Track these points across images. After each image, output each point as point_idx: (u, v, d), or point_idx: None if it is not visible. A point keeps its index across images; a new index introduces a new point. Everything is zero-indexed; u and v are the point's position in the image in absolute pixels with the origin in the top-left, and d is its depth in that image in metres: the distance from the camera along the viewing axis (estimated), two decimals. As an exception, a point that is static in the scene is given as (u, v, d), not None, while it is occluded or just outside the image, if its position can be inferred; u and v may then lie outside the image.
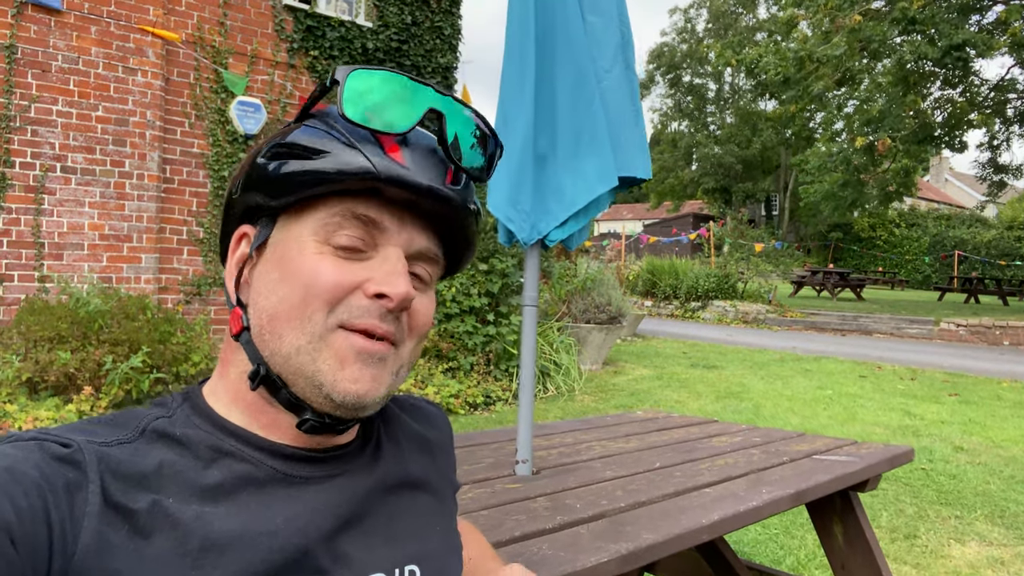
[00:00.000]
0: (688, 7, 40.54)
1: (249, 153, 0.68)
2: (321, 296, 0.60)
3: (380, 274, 0.62)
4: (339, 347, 0.61)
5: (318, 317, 0.61)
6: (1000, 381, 8.17)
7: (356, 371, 0.61)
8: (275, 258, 0.64)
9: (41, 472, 0.52)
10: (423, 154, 0.64)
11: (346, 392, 0.61)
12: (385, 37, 7.45)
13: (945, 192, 45.09)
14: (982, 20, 14.94)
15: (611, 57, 1.90)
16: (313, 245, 0.62)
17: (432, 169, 0.64)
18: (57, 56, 5.72)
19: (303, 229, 0.63)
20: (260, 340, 0.63)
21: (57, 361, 4.55)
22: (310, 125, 0.64)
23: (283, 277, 0.62)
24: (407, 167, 0.62)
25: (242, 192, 0.66)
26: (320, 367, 0.61)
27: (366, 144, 0.62)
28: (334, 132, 0.62)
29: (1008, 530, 3.61)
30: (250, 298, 0.65)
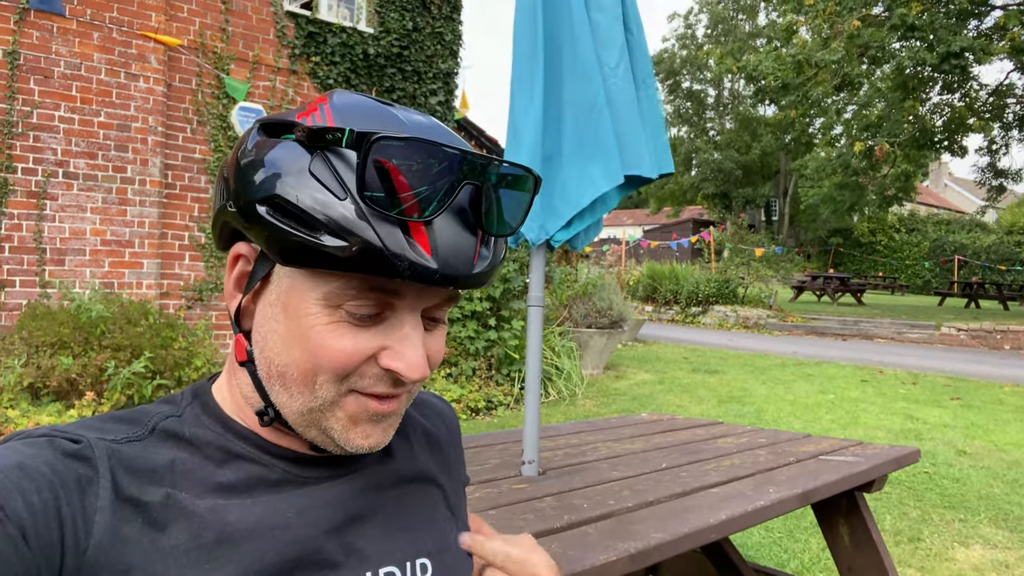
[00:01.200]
0: (687, 13, 40.68)
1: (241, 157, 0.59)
2: (332, 370, 0.57)
3: (395, 344, 0.58)
4: (351, 410, 0.60)
5: (329, 387, 0.58)
6: (1002, 385, 8.17)
7: (367, 429, 0.61)
8: (280, 307, 0.59)
9: (52, 468, 0.52)
10: (453, 229, 0.56)
11: (358, 446, 0.61)
12: (386, 43, 7.47)
13: (945, 197, 45.13)
14: (980, 25, 14.98)
15: (617, 54, 1.90)
16: (324, 313, 0.57)
17: (460, 248, 0.56)
18: (59, 62, 5.74)
19: (311, 290, 0.57)
20: (268, 384, 0.61)
21: (59, 366, 4.55)
22: (316, 174, 0.54)
23: (292, 338, 0.58)
24: (434, 256, 0.54)
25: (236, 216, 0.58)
26: (332, 424, 0.60)
27: (384, 224, 0.53)
28: (350, 197, 0.53)
29: (1012, 533, 3.60)
30: (254, 332, 0.62)
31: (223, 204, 0.60)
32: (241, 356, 0.62)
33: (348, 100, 0.59)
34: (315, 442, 0.62)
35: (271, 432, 0.64)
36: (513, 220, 0.60)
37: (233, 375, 0.66)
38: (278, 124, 0.58)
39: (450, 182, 0.54)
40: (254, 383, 0.62)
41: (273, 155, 0.56)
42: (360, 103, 0.59)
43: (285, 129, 0.57)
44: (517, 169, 0.60)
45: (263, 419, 0.62)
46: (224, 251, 0.66)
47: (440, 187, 0.54)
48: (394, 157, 0.53)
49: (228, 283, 0.63)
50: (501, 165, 0.58)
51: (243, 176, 0.57)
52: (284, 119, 0.58)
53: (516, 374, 6.51)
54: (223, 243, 0.65)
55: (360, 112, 0.58)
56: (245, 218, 0.57)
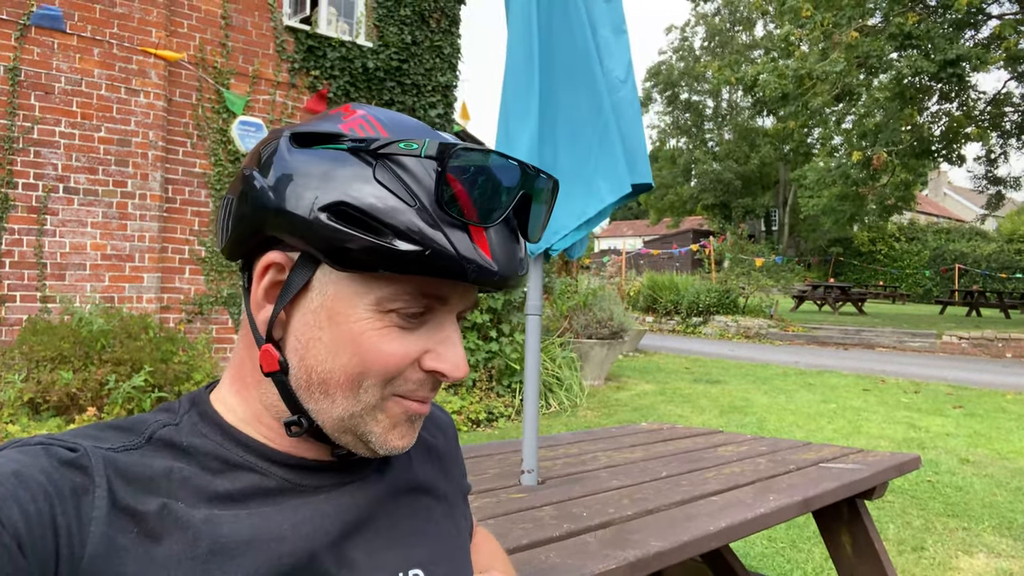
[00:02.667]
0: (684, 25, 40.91)
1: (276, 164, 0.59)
2: (382, 375, 0.60)
3: (438, 347, 0.61)
4: (393, 413, 0.62)
5: (375, 391, 0.60)
6: (1004, 393, 8.14)
7: (405, 430, 0.64)
8: (325, 314, 0.59)
9: (48, 477, 0.51)
10: (504, 238, 0.61)
11: (395, 448, 0.63)
12: (385, 57, 7.51)
13: (944, 206, 45.19)
14: (976, 35, 15.07)
15: (625, 69, 1.92)
16: (375, 318, 0.59)
17: (512, 254, 0.61)
18: (60, 78, 5.77)
19: (362, 297, 0.58)
20: (305, 393, 0.61)
21: (59, 381, 4.54)
22: (382, 181, 0.56)
23: (339, 344, 0.59)
24: (493, 260, 0.58)
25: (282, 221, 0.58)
26: (372, 428, 0.62)
27: (453, 230, 0.57)
28: (420, 205, 0.56)
29: (1016, 541, 3.58)
30: (290, 342, 0.61)
31: (259, 212, 0.59)
32: (272, 366, 0.61)
33: (386, 113, 0.63)
34: (346, 447, 0.64)
35: (284, 441, 0.64)
36: (540, 227, 0.65)
37: (252, 385, 0.65)
38: (316, 135, 0.60)
39: (510, 192, 0.59)
40: (282, 394, 0.62)
41: (326, 165, 0.57)
42: (398, 117, 0.63)
43: (326, 139, 0.59)
44: (548, 181, 0.64)
45: (291, 429, 0.62)
46: (234, 260, 0.66)
47: (501, 197, 0.58)
48: (466, 167, 0.57)
49: (256, 293, 0.62)
50: (543, 175, 0.62)
51: (290, 184, 0.58)
52: (324, 130, 0.60)
53: (517, 385, 6.50)
54: (241, 252, 0.65)
55: (406, 125, 0.62)
56: (297, 226, 0.57)
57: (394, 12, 7.62)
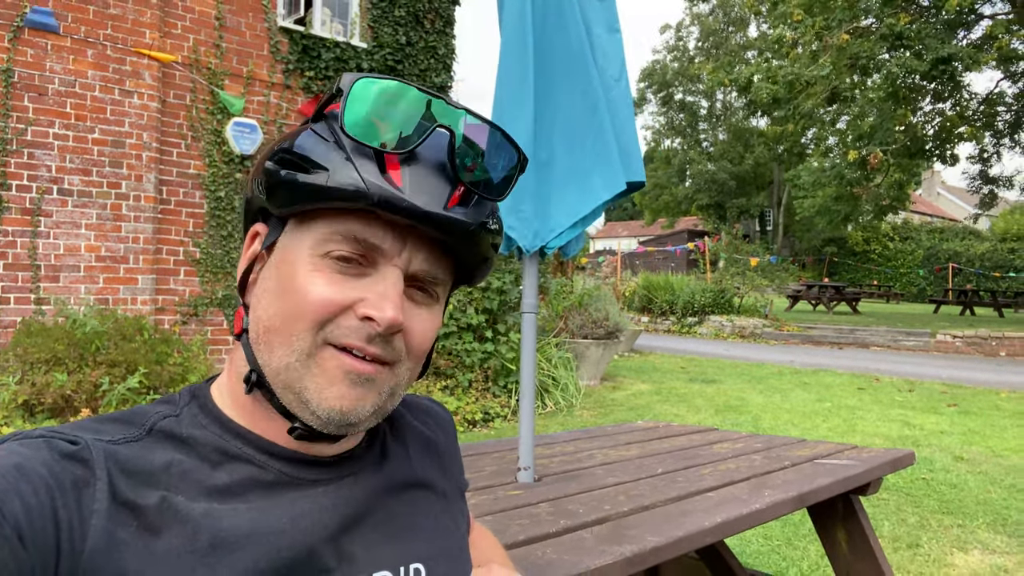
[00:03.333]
0: (679, 24, 40.99)
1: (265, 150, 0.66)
2: (310, 314, 0.59)
3: (373, 295, 0.59)
4: (327, 366, 0.60)
5: (306, 336, 0.59)
6: (998, 391, 8.18)
7: (343, 389, 0.60)
8: (275, 264, 0.62)
9: (49, 469, 0.52)
10: (428, 172, 0.60)
11: (330, 409, 0.60)
12: (380, 57, 7.51)
13: (937, 205, 45.36)
14: (969, 35, 15.13)
15: (619, 68, 1.93)
16: (310, 260, 0.60)
17: (435, 191, 0.60)
18: (54, 79, 5.76)
19: (304, 241, 0.61)
20: (256, 347, 0.62)
21: (54, 383, 4.53)
22: (316, 131, 0.61)
23: (279, 289, 0.61)
24: (403, 189, 0.58)
25: (254, 191, 0.65)
26: (307, 384, 0.60)
27: (365, 161, 0.58)
28: (337, 143, 0.60)
29: (1011, 538, 3.59)
30: (252, 301, 0.64)
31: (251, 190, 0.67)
32: (238, 328, 0.65)
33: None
34: (291, 409, 0.62)
35: (263, 429, 0.64)
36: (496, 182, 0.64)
37: (234, 361, 0.67)
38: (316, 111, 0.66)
39: (420, 120, 0.59)
40: (247, 354, 0.64)
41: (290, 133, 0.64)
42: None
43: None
44: (495, 132, 0.63)
45: (248, 385, 0.63)
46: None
47: (411, 125, 0.59)
48: (369, 94, 0.59)
49: (243, 261, 0.67)
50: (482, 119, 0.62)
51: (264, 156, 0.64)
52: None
53: (513, 386, 6.50)
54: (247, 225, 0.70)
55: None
56: (258, 177, 0.63)
57: (388, 13, 7.62)
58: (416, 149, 0.59)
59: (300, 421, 0.62)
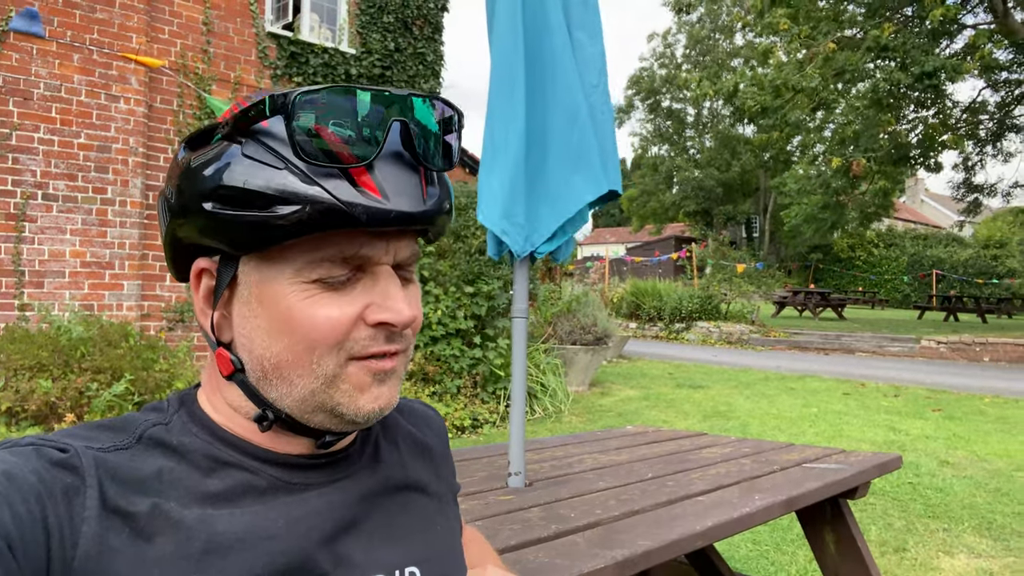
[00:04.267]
0: (665, 32, 41.23)
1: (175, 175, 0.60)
2: (324, 341, 0.58)
3: (377, 297, 0.59)
4: (355, 378, 0.60)
5: (327, 360, 0.59)
6: (982, 397, 8.25)
7: (375, 391, 0.61)
8: (257, 302, 0.59)
9: (39, 477, 0.51)
10: (394, 170, 0.58)
11: (369, 412, 0.61)
12: (368, 63, 7.51)
13: (921, 212, 45.83)
14: (952, 44, 15.33)
15: (597, 73, 1.94)
16: (299, 289, 0.58)
17: (408, 188, 0.58)
18: (39, 84, 5.72)
19: (282, 272, 0.58)
20: (264, 385, 0.61)
21: (38, 390, 4.48)
22: (252, 156, 0.55)
23: (276, 327, 0.59)
24: (384, 197, 0.56)
25: (187, 232, 0.60)
26: (339, 399, 0.60)
27: (331, 180, 0.55)
28: (290, 167, 0.55)
29: (996, 542, 3.63)
30: (236, 340, 0.62)
31: (170, 224, 0.62)
32: (227, 369, 0.62)
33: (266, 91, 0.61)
34: (322, 426, 0.62)
35: (265, 437, 0.64)
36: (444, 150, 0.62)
37: (217, 390, 0.65)
38: (200, 133, 0.61)
39: (376, 122, 0.56)
40: (246, 393, 0.62)
41: (205, 157, 0.58)
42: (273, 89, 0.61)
43: (208, 135, 0.60)
44: (438, 103, 0.61)
45: (263, 424, 0.62)
46: (184, 279, 0.66)
47: (368, 129, 0.56)
48: (315, 110, 0.54)
49: (197, 302, 0.64)
50: (419, 98, 0.60)
51: (182, 187, 0.59)
52: (205, 128, 0.60)
53: (502, 392, 6.49)
54: (180, 268, 0.66)
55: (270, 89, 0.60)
56: (195, 224, 0.58)
57: (377, 19, 7.63)
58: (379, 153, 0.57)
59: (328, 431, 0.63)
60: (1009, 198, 19.07)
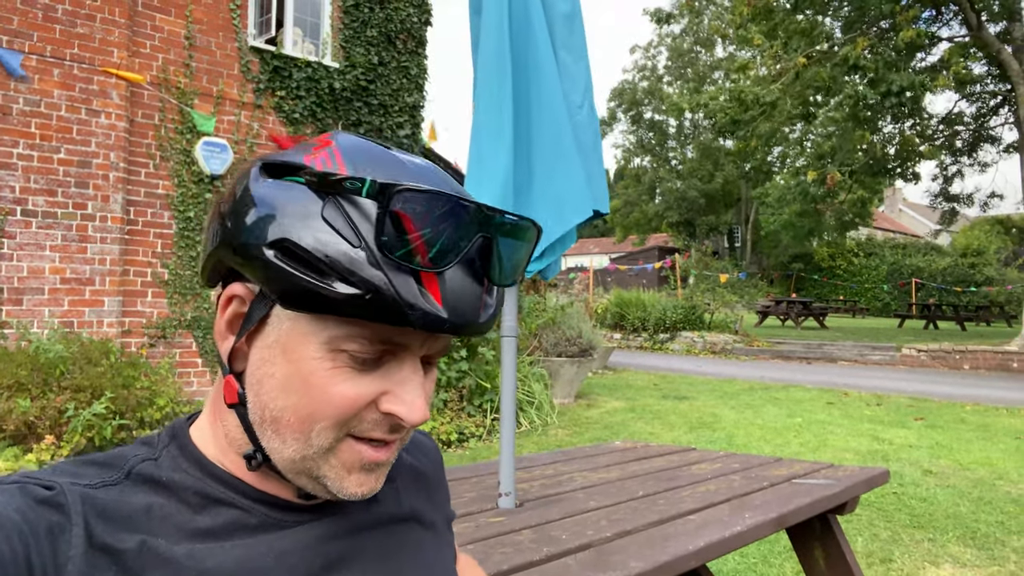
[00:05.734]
0: (648, 45, 41.59)
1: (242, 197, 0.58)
2: (333, 416, 0.57)
3: (396, 388, 0.58)
4: (345, 458, 0.59)
5: (327, 433, 0.57)
6: (963, 405, 8.35)
7: (361, 477, 0.60)
8: (279, 349, 0.58)
9: (23, 516, 0.50)
10: (461, 280, 0.56)
11: (352, 495, 0.60)
12: (352, 77, 7.50)
13: (900, 222, 46.45)
14: (926, 58, 15.59)
15: (582, 94, 1.95)
16: (326, 357, 0.56)
17: (468, 298, 0.57)
18: (18, 99, 5.65)
19: (314, 334, 0.56)
20: (259, 429, 0.59)
21: (16, 409, 4.41)
22: (329, 220, 0.54)
23: (290, 383, 0.57)
24: (444, 307, 0.55)
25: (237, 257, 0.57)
26: (325, 472, 0.59)
27: (398, 274, 0.53)
28: (364, 246, 0.53)
29: (980, 551, 3.66)
30: (248, 375, 0.60)
31: (221, 244, 0.59)
32: (232, 398, 0.60)
33: (354, 144, 0.60)
34: (305, 489, 0.61)
35: (254, 477, 0.63)
36: (515, 270, 0.61)
37: (218, 416, 0.64)
38: (282, 165, 0.58)
39: (465, 235, 0.55)
40: (243, 426, 0.61)
41: (281, 197, 0.56)
42: (367, 148, 0.60)
43: (290, 171, 0.57)
44: (524, 221, 0.60)
45: (251, 463, 0.61)
46: (210, 287, 0.65)
47: (455, 240, 0.54)
48: (412, 209, 0.53)
49: (220, 323, 0.62)
50: (508, 216, 0.59)
51: (246, 217, 0.56)
52: (289, 161, 0.58)
53: (488, 405, 6.47)
54: (213, 281, 0.64)
55: (368, 158, 0.58)
56: (248, 260, 0.56)
57: (360, 33, 7.63)
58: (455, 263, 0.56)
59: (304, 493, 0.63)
60: (986, 207, 19.38)
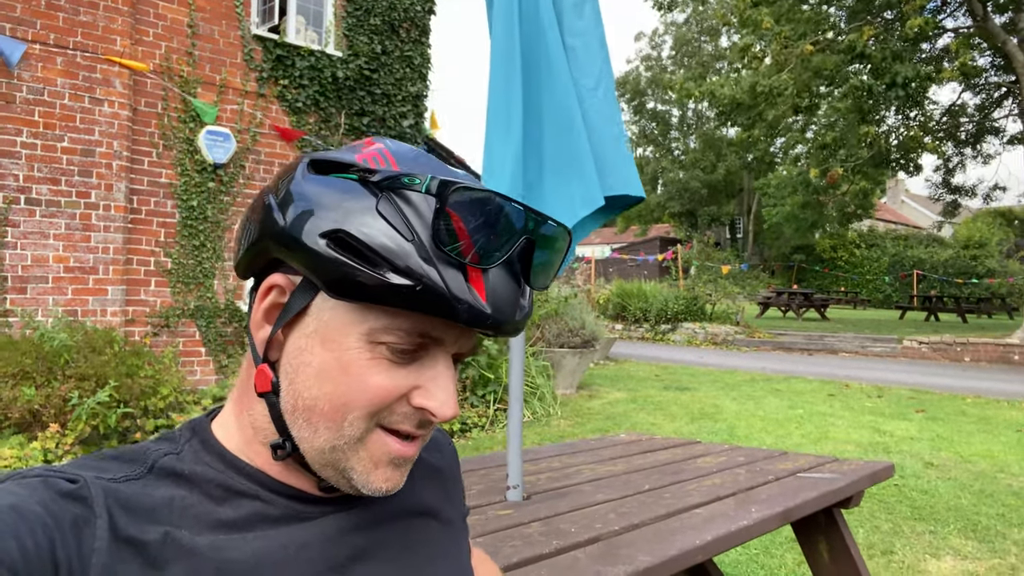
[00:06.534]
0: (653, 33, 41.41)
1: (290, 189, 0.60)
2: (366, 405, 0.58)
3: (428, 383, 0.60)
4: (374, 450, 0.60)
5: (359, 423, 0.59)
6: (964, 397, 8.36)
7: (387, 472, 0.62)
8: (318, 339, 0.59)
9: (47, 509, 0.50)
10: (502, 279, 0.59)
11: (376, 490, 0.61)
12: (355, 66, 7.48)
13: (902, 213, 46.35)
14: (932, 48, 15.50)
15: (596, 77, 1.94)
16: (366, 348, 0.58)
17: (508, 296, 0.59)
18: (22, 87, 5.64)
19: (355, 325, 0.58)
20: (291, 418, 0.60)
21: (21, 397, 4.42)
22: (384, 214, 0.56)
23: (327, 372, 0.58)
24: (488, 303, 0.57)
25: (280, 249, 0.59)
26: (353, 465, 0.60)
27: (450, 270, 0.56)
28: (415, 237, 0.56)
29: (981, 543, 3.67)
30: (283, 364, 0.61)
31: (265, 235, 0.60)
32: (265, 387, 0.61)
33: (401, 147, 0.63)
34: (329, 481, 0.62)
35: (276, 469, 0.63)
36: (549, 274, 0.64)
37: (246, 406, 0.65)
38: (330, 162, 0.60)
39: (511, 236, 0.58)
40: (272, 415, 0.62)
41: (333, 192, 0.58)
42: (414, 151, 0.63)
43: (339, 168, 0.60)
44: (562, 227, 0.63)
45: (277, 452, 0.62)
46: (245, 279, 0.67)
47: (503, 239, 0.57)
48: (465, 207, 0.56)
49: (256, 313, 0.63)
50: (551, 222, 0.61)
51: (297, 210, 0.58)
52: (340, 159, 0.60)
53: (491, 395, 6.49)
54: (250, 273, 0.66)
55: (416, 159, 0.61)
56: (298, 251, 0.57)
57: (364, 22, 7.60)
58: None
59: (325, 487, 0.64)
60: (989, 200, 19.32)
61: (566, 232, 0.63)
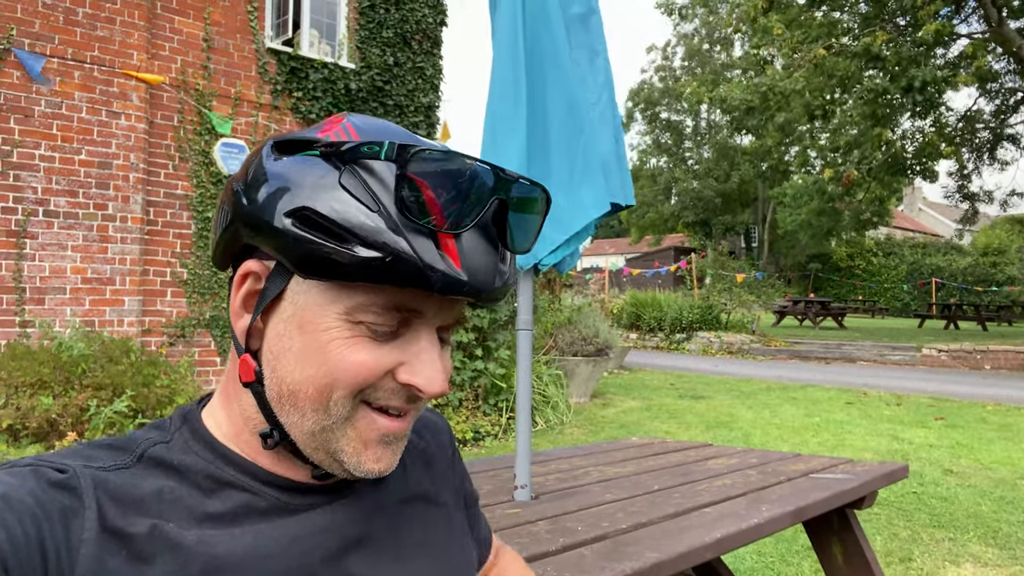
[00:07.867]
0: (665, 45, 41.44)
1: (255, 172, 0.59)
2: (350, 384, 0.57)
3: (413, 359, 0.58)
4: (363, 428, 0.59)
5: (345, 403, 0.58)
6: (984, 404, 8.24)
7: (379, 451, 0.60)
8: (295, 323, 0.58)
9: (36, 499, 0.50)
10: (477, 243, 0.57)
11: (368, 471, 0.60)
12: (368, 78, 7.55)
13: (919, 221, 45.94)
14: (947, 54, 15.40)
15: (597, 91, 1.95)
16: (344, 328, 0.57)
17: (485, 262, 0.57)
18: (40, 101, 5.74)
19: (331, 305, 0.57)
20: (277, 405, 0.60)
21: (39, 407, 4.47)
22: (347, 187, 0.54)
23: (307, 354, 0.57)
24: (463, 269, 0.55)
25: (253, 230, 0.58)
26: (342, 446, 0.59)
27: (420, 238, 0.54)
28: (383, 211, 0.54)
29: (1001, 551, 3.61)
30: (264, 352, 0.60)
31: (234, 220, 0.60)
32: (249, 376, 0.60)
33: (366, 120, 0.61)
34: (322, 466, 0.61)
35: (267, 458, 0.63)
36: (528, 237, 0.62)
37: (234, 397, 0.64)
38: (294, 142, 0.59)
39: (481, 197, 0.56)
40: (259, 404, 0.61)
41: (296, 170, 0.56)
42: (379, 122, 0.61)
43: (302, 146, 0.58)
44: (536, 185, 0.61)
45: (267, 441, 0.61)
46: (223, 269, 0.66)
47: (472, 202, 0.55)
48: (430, 171, 0.54)
49: (235, 302, 0.62)
50: (522, 180, 0.59)
51: (262, 191, 0.57)
52: (301, 137, 0.59)
53: (503, 404, 6.48)
54: (226, 262, 0.65)
55: (382, 130, 0.60)
56: (266, 233, 0.56)
57: (376, 34, 7.67)
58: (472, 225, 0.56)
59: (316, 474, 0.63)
60: (1006, 206, 19.11)
61: (542, 191, 0.61)
